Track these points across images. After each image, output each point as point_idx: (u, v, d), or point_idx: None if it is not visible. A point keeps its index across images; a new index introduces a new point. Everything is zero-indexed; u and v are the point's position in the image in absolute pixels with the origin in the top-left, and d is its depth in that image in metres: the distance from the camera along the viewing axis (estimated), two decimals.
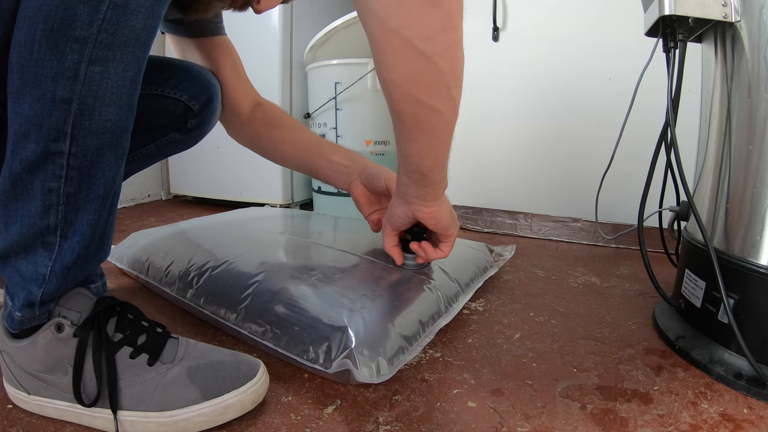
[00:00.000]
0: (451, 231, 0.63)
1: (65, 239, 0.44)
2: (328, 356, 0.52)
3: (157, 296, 0.78)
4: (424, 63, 0.43)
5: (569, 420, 0.47)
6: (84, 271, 0.47)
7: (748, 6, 0.52)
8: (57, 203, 0.42)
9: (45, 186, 0.41)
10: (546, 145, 1.17)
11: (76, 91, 0.39)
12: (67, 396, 0.45)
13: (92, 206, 0.44)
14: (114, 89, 0.40)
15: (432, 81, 0.44)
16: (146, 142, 0.74)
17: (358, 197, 0.72)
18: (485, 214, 1.27)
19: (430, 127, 0.49)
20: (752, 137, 0.52)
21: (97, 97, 0.40)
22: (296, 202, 1.57)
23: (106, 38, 0.38)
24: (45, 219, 0.42)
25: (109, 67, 0.39)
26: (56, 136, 0.40)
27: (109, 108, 0.41)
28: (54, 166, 0.41)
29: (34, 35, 0.37)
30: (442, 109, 0.47)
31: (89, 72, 0.39)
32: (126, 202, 1.66)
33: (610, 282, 0.86)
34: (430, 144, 0.51)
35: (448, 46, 0.43)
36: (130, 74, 0.41)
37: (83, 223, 0.44)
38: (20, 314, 0.45)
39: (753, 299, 0.52)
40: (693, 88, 0.68)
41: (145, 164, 0.79)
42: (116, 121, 0.42)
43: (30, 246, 0.43)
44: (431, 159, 0.53)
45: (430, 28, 0.41)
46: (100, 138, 0.42)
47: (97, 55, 0.39)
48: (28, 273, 0.44)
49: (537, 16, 1.13)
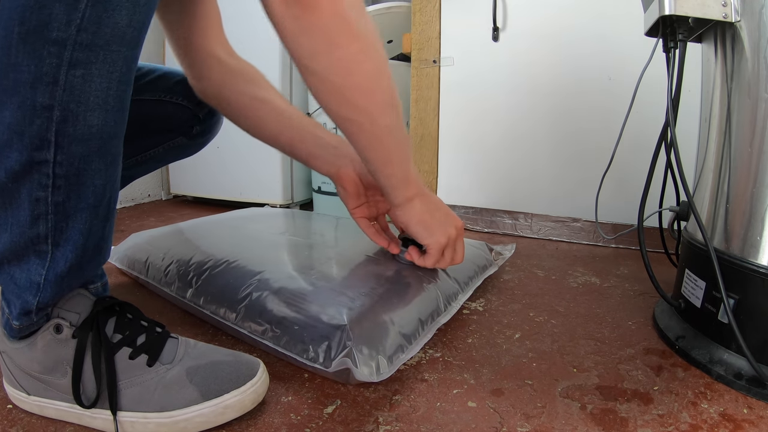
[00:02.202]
0: (425, 241, 0.63)
1: (57, 247, 0.42)
2: (328, 355, 0.52)
3: (156, 296, 0.78)
4: (315, 79, 0.48)
5: (569, 420, 0.47)
6: (80, 278, 0.46)
7: (748, 6, 0.52)
8: (46, 212, 0.41)
9: (32, 195, 0.40)
10: (546, 145, 1.17)
11: (57, 97, 0.37)
12: (66, 397, 0.45)
13: (83, 215, 0.42)
14: (99, 93, 0.38)
15: (331, 93, 0.49)
16: (154, 144, 0.75)
17: (347, 185, 0.65)
18: (485, 214, 1.27)
19: (352, 133, 0.53)
20: (752, 137, 0.52)
21: (80, 102, 0.38)
22: (296, 202, 1.57)
23: (86, 38, 0.36)
24: (34, 228, 0.41)
25: (91, 70, 0.37)
26: (39, 144, 0.38)
27: (94, 113, 0.39)
28: (40, 176, 0.39)
29: (10, 38, 0.35)
30: (354, 118, 0.51)
31: (70, 76, 0.36)
32: (126, 202, 1.66)
33: (610, 282, 0.86)
34: (361, 147, 0.54)
35: (333, 63, 0.46)
36: (116, 75, 0.39)
37: (75, 232, 0.43)
38: (18, 323, 0.44)
39: (753, 299, 0.52)
40: (693, 88, 0.67)
41: (152, 167, 0.79)
42: (103, 126, 0.40)
43: (22, 254, 0.42)
44: (368, 162, 0.56)
45: (309, 49, 0.45)
46: (87, 145, 0.40)
47: (78, 57, 0.36)
48: (22, 281, 0.43)
49: (537, 16, 1.13)
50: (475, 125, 1.24)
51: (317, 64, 0.46)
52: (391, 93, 0.51)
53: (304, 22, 0.43)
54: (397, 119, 0.53)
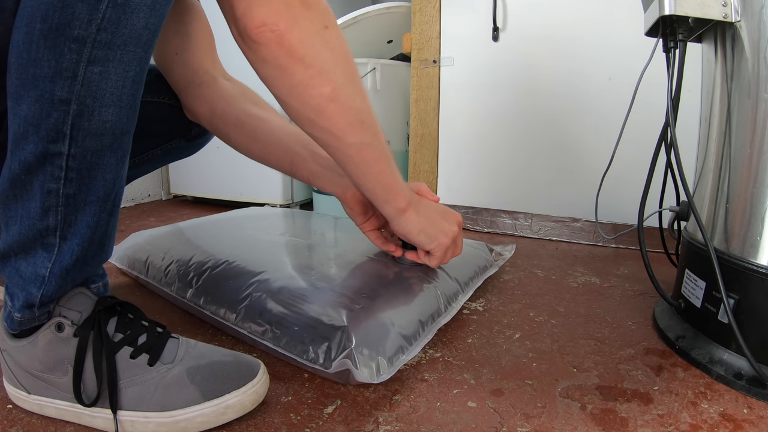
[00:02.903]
0: (428, 247, 0.64)
1: (65, 241, 0.43)
2: (328, 356, 0.52)
3: (156, 296, 0.78)
4: (280, 102, 0.50)
5: (569, 420, 0.47)
6: (83, 273, 0.47)
7: (748, 6, 0.52)
8: (56, 204, 0.42)
9: (44, 187, 0.41)
10: (546, 145, 1.17)
11: (75, 92, 0.38)
12: (67, 396, 0.45)
13: (92, 208, 0.43)
14: (114, 90, 0.40)
15: (293, 114, 0.51)
16: (151, 146, 0.74)
17: (353, 206, 0.65)
18: (485, 214, 1.27)
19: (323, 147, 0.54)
20: (752, 137, 0.52)
21: (96, 98, 0.39)
22: (296, 202, 1.57)
23: (105, 37, 0.37)
24: (44, 220, 0.42)
25: (108, 67, 0.39)
26: (55, 137, 0.39)
27: (108, 109, 0.40)
28: (53, 168, 0.40)
29: (32, 35, 0.37)
30: (318, 136, 0.52)
31: (88, 72, 0.38)
32: (126, 202, 1.66)
33: (610, 282, 0.86)
34: (342, 165, 0.55)
35: (289, 89, 0.48)
36: (131, 75, 0.40)
37: (83, 225, 0.44)
38: (20, 315, 0.45)
39: (753, 299, 0.52)
40: (693, 88, 0.68)
41: (149, 168, 0.78)
42: (116, 122, 0.41)
43: (29, 247, 0.43)
44: (351, 178, 0.57)
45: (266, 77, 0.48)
46: (100, 139, 0.41)
47: (97, 54, 0.38)
48: (28, 274, 0.43)
49: (537, 16, 1.13)
50: (475, 125, 1.24)
51: (276, 91, 0.49)
52: (357, 111, 0.51)
53: (257, 54, 0.46)
54: (370, 135, 0.53)
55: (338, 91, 0.49)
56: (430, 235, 0.62)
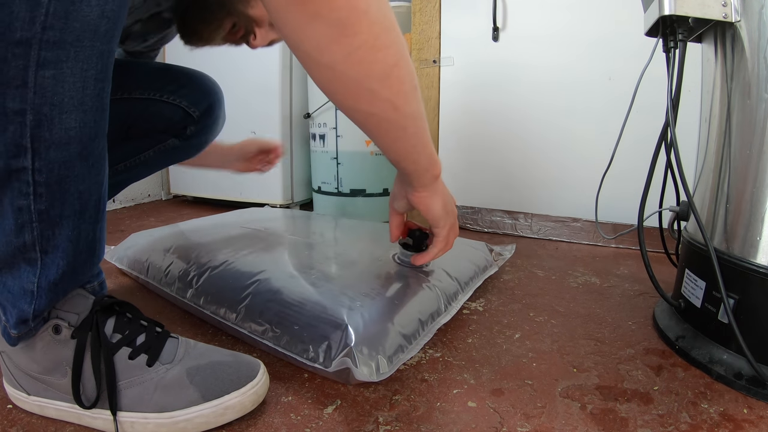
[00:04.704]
0: (440, 224, 0.61)
1: (46, 254, 0.41)
2: (328, 355, 0.52)
3: (156, 296, 0.78)
4: (329, 73, 0.41)
5: (569, 420, 0.47)
6: (75, 283, 0.45)
7: (748, 6, 0.52)
8: (30, 221, 0.39)
9: (14, 204, 0.38)
10: (546, 145, 1.17)
11: (29, 101, 0.34)
12: (66, 397, 0.45)
13: (69, 222, 0.41)
14: (73, 93, 0.36)
15: (348, 87, 0.43)
16: (143, 148, 0.71)
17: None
18: (485, 214, 1.27)
19: (373, 128, 0.48)
20: (752, 137, 0.52)
21: (53, 105, 0.35)
22: (296, 202, 1.57)
23: (53, 36, 0.33)
24: (20, 237, 0.40)
25: (63, 69, 0.35)
26: (15, 151, 0.36)
27: (70, 115, 0.36)
28: (20, 183, 0.37)
29: None
30: (376, 112, 0.45)
31: (39, 77, 0.34)
32: (126, 202, 1.66)
33: (610, 282, 0.86)
34: (384, 141, 0.50)
35: (349, 53, 0.40)
36: (91, 73, 0.36)
37: (63, 240, 0.41)
38: (16, 332, 0.44)
39: (753, 299, 0.52)
40: (693, 88, 0.67)
41: (143, 173, 0.75)
42: (82, 128, 0.38)
43: (12, 262, 0.41)
44: (393, 153, 0.52)
45: (317, 40, 0.39)
46: (66, 149, 0.37)
47: (46, 57, 0.34)
48: (15, 289, 0.42)
49: (537, 16, 1.13)
50: (475, 125, 1.24)
51: (328, 57, 0.40)
52: (412, 76, 0.46)
53: (310, 9, 0.37)
54: (420, 102, 0.49)
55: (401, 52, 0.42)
56: (447, 211, 0.61)
